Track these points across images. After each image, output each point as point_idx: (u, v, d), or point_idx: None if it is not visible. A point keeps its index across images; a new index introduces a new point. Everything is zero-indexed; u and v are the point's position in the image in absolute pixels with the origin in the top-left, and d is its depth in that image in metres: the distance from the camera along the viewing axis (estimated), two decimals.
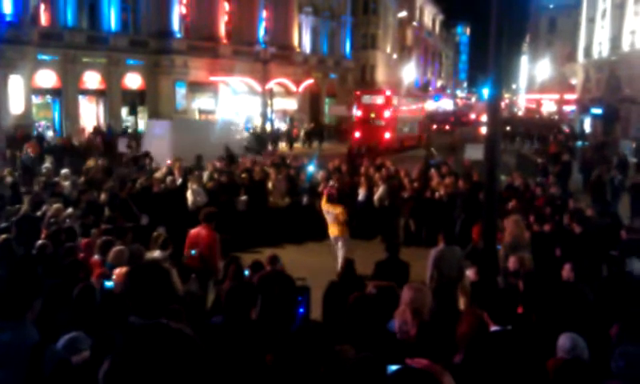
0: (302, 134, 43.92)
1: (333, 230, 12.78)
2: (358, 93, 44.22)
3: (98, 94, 36.04)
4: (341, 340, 3.99)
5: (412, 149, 38.84)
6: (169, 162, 19.01)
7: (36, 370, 3.39)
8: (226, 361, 3.57)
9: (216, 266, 9.79)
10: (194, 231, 10.27)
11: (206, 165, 18.73)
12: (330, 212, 12.77)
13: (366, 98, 41.81)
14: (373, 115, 39.97)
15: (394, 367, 3.16)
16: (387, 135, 38.97)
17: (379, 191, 16.21)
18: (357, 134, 38.90)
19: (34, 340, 3.54)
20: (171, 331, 1.86)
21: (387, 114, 39.96)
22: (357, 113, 41.25)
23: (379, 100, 41.06)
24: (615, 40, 42.55)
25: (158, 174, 16.42)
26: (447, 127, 59.04)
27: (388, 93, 43.06)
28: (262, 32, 45.05)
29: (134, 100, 37.74)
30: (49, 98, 33.75)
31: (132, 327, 3.69)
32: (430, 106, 65.69)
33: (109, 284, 6.64)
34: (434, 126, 55.44)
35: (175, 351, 1.79)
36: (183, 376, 1.78)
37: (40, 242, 8.66)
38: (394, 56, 74.31)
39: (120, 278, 6.63)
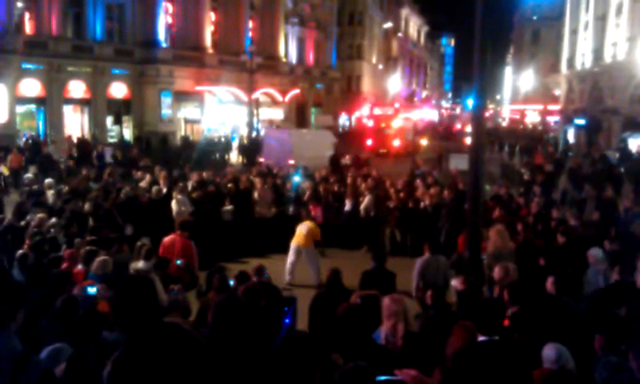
0: None
1: (300, 240, 12.77)
2: (371, 105, 50.75)
3: (83, 103, 35.80)
4: (328, 350, 3.97)
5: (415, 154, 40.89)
6: (291, 162, 24.10)
7: (20, 379, 3.36)
8: (215, 373, 3.54)
9: (194, 273, 9.89)
10: (168, 239, 10.34)
11: (190, 176, 18.63)
12: (304, 226, 12.98)
13: (378, 110, 47.85)
14: (383, 125, 44.22)
15: (382, 378, 3.17)
16: (396, 142, 42.60)
17: (365, 201, 16.23)
18: (369, 142, 42.30)
19: (18, 350, 3.51)
20: (170, 327, 1.85)
21: (397, 123, 44.77)
22: (369, 122, 46.15)
23: (389, 111, 47.15)
24: (597, 52, 43.04)
25: (142, 184, 16.32)
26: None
27: (397, 105, 50.76)
28: (248, 42, 45.09)
29: (119, 109, 37.55)
30: (33, 107, 33.47)
31: (105, 342, 3.64)
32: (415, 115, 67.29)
33: (92, 290, 6.59)
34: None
35: (175, 347, 1.78)
36: (185, 372, 1.78)
37: (21, 251, 8.56)
38: (380, 66, 74.71)
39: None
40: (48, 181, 16.17)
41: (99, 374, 3.15)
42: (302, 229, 12.84)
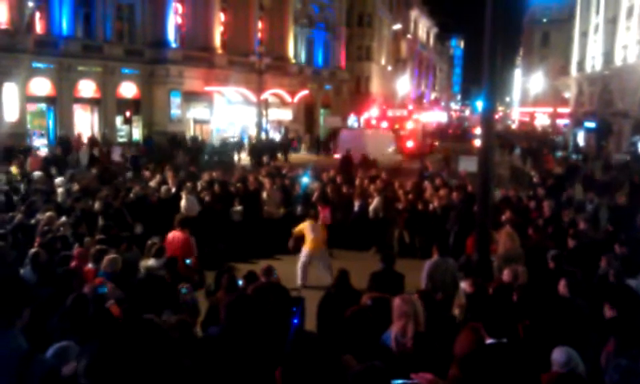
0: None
1: (315, 246, 12.56)
2: (385, 107, 52.24)
3: (93, 102, 35.97)
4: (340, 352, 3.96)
5: (428, 154, 41.89)
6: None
7: (25, 378, 3.36)
8: (226, 373, 3.55)
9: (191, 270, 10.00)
10: (169, 236, 10.37)
11: (202, 175, 18.70)
12: (316, 229, 12.72)
13: (392, 112, 48.92)
14: (397, 126, 44.85)
15: (398, 381, 3.15)
16: (410, 144, 43.22)
17: (374, 202, 16.21)
18: None
19: (23, 349, 3.51)
20: (143, 322, 1.87)
21: (410, 125, 45.89)
22: (382, 124, 46.69)
23: (403, 113, 48.37)
24: (608, 54, 42.87)
25: (152, 183, 16.38)
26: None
27: (410, 107, 52.67)
28: (257, 43, 45.17)
29: (129, 109, 37.70)
30: (43, 106, 33.64)
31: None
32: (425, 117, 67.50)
33: (102, 290, 6.62)
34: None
35: (147, 340, 1.81)
36: (156, 363, 1.79)
37: (33, 250, 8.60)
38: (389, 68, 74.60)
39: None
40: (58, 179, 16.27)
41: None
42: (314, 233, 12.70)
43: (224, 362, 3.61)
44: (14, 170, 20.04)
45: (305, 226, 12.80)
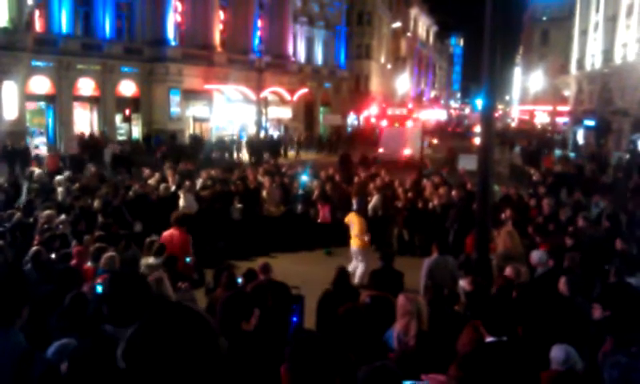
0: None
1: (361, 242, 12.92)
2: (384, 105, 53.48)
3: (92, 100, 35.91)
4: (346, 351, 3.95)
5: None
6: (407, 152, 34.20)
7: (24, 377, 3.36)
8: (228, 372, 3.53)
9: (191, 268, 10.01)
10: (166, 234, 10.35)
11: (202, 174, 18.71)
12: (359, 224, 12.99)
13: (391, 110, 49.71)
14: (397, 125, 44.65)
15: (407, 383, 3.15)
16: None
17: (373, 201, 16.20)
18: None
19: (22, 347, 3.50)
20: (189, 311, 1.90)
21: (410, 123, 45.56)
22: (382, 122, 47.07)
23: (402, 111, 48.81)
24: (607, 52, 42.81)
25: (151, 181, 16.37)
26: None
27: (410, 105, 53.79)
28: (256, 41, 45.14)
29: (128, 107, 37.65)
30: (42, 104, 33.60)
31: (104, 335, 3.65)
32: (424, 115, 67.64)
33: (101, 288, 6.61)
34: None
35: (193, 330, 1.83)
36: (198, 355, 1.82)
37: (34, 248, 8.60)
38: (388, 66, 74.59)
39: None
40: (58, 178, 16.25)
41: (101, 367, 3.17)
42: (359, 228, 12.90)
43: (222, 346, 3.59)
44: (35, 170, 19.95)
45: (350, 219, 13.15)
